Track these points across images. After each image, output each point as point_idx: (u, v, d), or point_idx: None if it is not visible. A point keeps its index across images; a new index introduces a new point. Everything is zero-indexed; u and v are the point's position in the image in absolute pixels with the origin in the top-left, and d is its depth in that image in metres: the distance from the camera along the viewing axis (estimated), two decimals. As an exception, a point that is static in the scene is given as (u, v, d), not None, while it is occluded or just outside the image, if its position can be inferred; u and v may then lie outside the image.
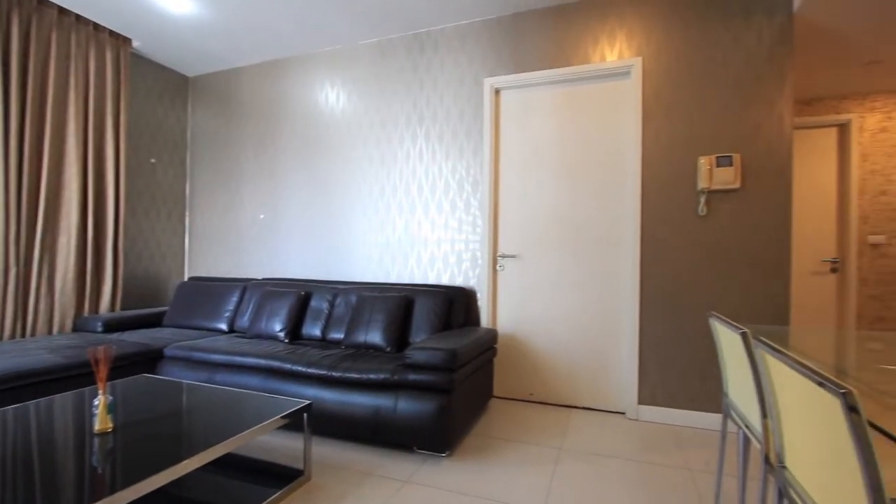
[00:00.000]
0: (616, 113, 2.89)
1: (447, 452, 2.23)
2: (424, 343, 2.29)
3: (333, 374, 2.33)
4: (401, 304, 2.83)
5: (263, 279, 3.56)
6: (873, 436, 0.69)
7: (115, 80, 3.49)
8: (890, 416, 0.82)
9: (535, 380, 3.06)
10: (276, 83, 3.84)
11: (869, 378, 1.11)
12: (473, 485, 1.96)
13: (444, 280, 3.22)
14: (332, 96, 3.61)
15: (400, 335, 2.78)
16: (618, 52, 2.83)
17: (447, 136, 3.24)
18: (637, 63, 2.78)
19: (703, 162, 2.59)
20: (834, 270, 3.84)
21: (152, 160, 3.91)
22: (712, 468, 2.15)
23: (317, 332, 3.06)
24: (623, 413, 2.85)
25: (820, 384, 0.73)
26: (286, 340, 2.98)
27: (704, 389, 2.64)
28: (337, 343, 2.95)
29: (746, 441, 1.60)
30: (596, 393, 2.92)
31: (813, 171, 3.91)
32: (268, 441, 2.37)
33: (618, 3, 2.84)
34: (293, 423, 2.50)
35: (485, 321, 3.09)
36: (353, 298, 3.06)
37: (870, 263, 3.68)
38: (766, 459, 1.20)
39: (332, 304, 3.13)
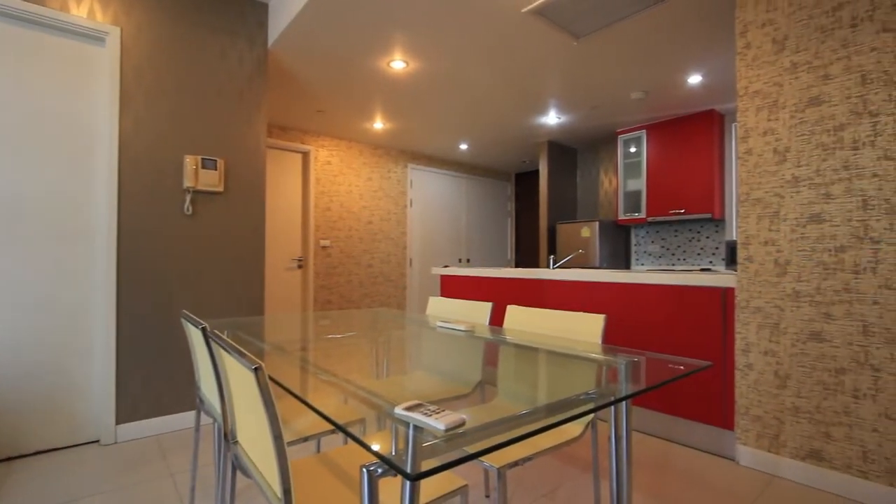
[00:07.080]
0: (88, 82, 2.40)
1: None
2: None
3: None
4: None
5: None
6: (287, 397, 0.90)
7: None
8: (317, 382, 1.11)
9: (-63, 441, 2.05)
10: None
11: (322, 346, 1.47)
12: None
13: None
14: None
15: None
16: (87, 10, 2.36)
17: None
18: (114, 33, 2.42)
19: (189, 161, 2.59)
20: (300, 266, 4.87)
21: None
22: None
23: None
24: (97, 441, 2.41)
25: (242, 364, 0.87)
26: None
27: (193, 388, 2.65)
28: None
29: (220, 429, 1.71)
30: (56, 429, 2.31)
31: (285, 187, 4.78)
32: None
33: (88, -47, 2.36)
34: None
35: None
36: None
37: (321, 261, 4.92)
38: (226, 438, 1.33)
39: None
